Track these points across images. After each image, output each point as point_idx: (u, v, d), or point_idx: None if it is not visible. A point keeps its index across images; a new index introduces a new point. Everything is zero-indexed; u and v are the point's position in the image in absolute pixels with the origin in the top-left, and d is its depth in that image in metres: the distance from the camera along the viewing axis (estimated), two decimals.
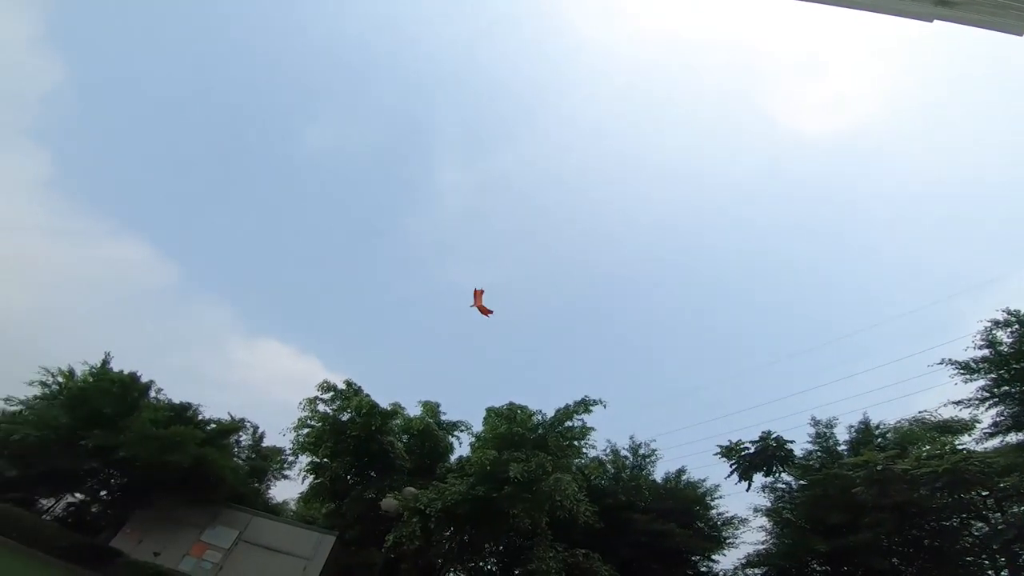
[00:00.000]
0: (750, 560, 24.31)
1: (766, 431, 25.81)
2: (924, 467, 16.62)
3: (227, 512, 23.87)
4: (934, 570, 19.19)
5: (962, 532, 19.09)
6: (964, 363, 19.61)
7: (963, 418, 20.12)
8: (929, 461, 16.93)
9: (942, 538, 19.26)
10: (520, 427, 22.16)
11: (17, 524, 20.93)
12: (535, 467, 19.40)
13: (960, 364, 19.61)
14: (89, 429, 22.86)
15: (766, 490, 25.09)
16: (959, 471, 15.62)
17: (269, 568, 21.76)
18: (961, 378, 19.75)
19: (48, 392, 26.18)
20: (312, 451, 24.75)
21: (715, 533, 26.03)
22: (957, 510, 18.74)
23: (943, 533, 19.32)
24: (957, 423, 20.26)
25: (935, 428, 20.65)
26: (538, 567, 19.40)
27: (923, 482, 16.77)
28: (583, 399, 22.49)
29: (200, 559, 21.99)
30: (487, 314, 17.32)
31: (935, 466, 16.29)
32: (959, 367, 19.61)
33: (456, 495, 19.87)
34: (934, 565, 19.16)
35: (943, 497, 17.72)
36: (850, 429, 24.06)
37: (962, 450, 17.69)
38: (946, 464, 16.02)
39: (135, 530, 23.05)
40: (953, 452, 17.14)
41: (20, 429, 22.71)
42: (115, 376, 26.01)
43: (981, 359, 19.16)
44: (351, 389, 24.60)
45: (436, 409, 28.53)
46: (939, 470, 16.08)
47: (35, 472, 23.03)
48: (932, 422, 21.13)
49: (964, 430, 20.09)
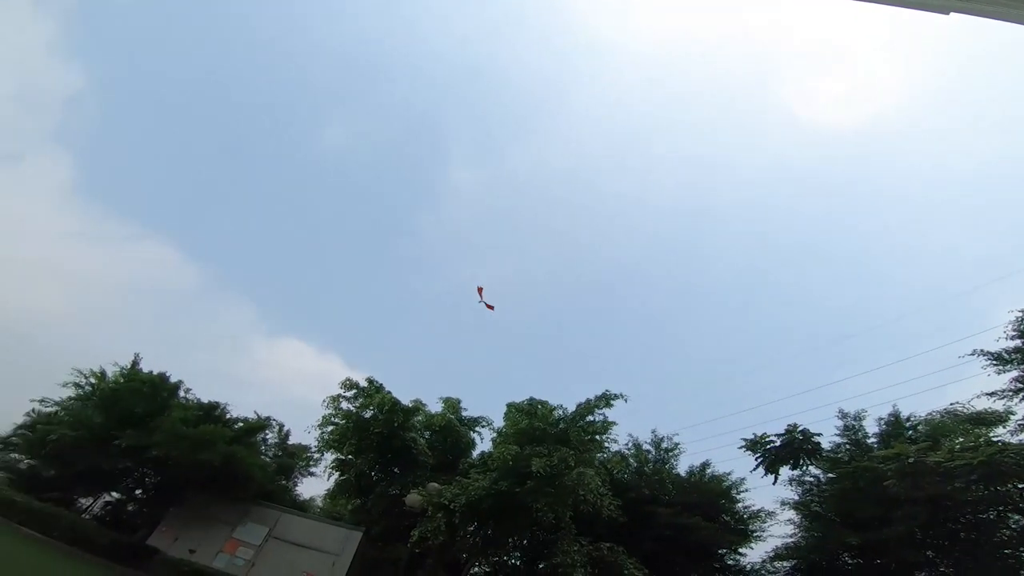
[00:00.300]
0: (778, 553, 24.02)
1: (792, 424, 25.39)
2: (958, 459, 16.14)
3: (257, 509, 24.38)
4: (970, 564, 18.74)
5: (999, 525, 18.59)
6: (996, 354, 19.07)
7: (997, 410, 19.59)
8: (963, 453, 16.43)
9: (978, 531, 18.74)
10: (541, 422, 22.06)
11: (58, 523, 21.51)
12: (557, 462, 19.35)
13: (992, 355, 19.09)
14: (122, 429, 23.47)
15: (793, 483, 24.71)
16: (994, 463, 15.16)
17: (299, 564, 22.14)
18: (993, 369, 19.23)
19: (82, 393, 26.92)
20: (337, 448, 25.00)
21: (741, 526, 25.67)
22: (993, 503, 18.19)
23: (979, 526, 18.81)
24: (991, 415, 19.71)
25: (968, 420, 20.10)
26: (563, 560, 19.38)
27: (957, 475, 16.31)
28: (604, 393, 22.32)
29: (233, 556, 22.50)
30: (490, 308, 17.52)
31: (969, 458, 15.81)
32: (991, 358, 19.09)
33: (479, 490, 19.94)
34: (970, 559, 18.72)
35: (978, 490, 17.20)
36: (879, 421, 23.57)
37: (997, 442, 17.17)
38: (981, 456, 15.53)
39: (170, 528, 23.65)
40: (988, 444, 16.59)
41: (56, 429, 23.41)
42: (145, 376, 26.67)
43: (1014, 349, 18.62)
44: (373, 386, 24.78)
45: (457, 405, 28.71)
46: (973, 462, 15.60)
47: (72, 472, 23.76)
48: (965, 414, 20.57)
49: (998, 422, 19.52)
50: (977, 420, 19.95)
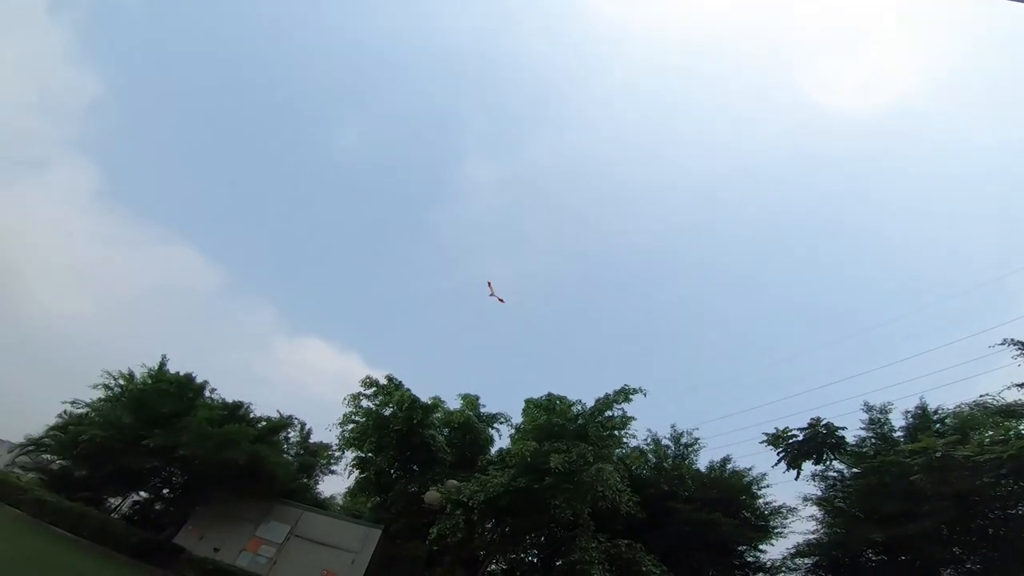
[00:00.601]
0: (800, 550, 23.57)
1: (815, 417, 24.85)
2: (987, 453, 15.61)
3: (279, 507, 24.77)
4: (999, 560, 18.16)
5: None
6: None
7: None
8: (992, 447, 15.91)
9: (1008, 527, 18.13)
10: (559, 418, 22.02)
11: (88, 523, 22.19)
12: (576, 458, 19.23)
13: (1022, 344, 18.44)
14: (150, 429, 24.01)
15: (816, 478, 24.19)
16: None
17: (319, 561, 22.43)
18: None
19: (111, 394, 27.69)
20: (357, 446, 25.22)
21: (762, 522, 25.26)
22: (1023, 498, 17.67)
23: (1009, 522, 18.18)
24: (1022, 407, 19.03)
25: (998, 412, 19.40)
26: (580, 558, 19.39)
27: (986, 469, 15.73)
28: (623, 388, 22.06)
29: (256, 554, 22.89)
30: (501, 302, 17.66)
31: (999, 452, 15.29)
32: (1021, 347, 18.44)
33: (498, 487, 19.95)
34: (999, 555, 18.13)
35: (1008, 485, 16.61)
36: (906, 415, 22.91)
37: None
38: (1011, 450, 14.98)
39: (196, 526, 24.19)
40: (1018, 438, 16.02)
41: (87, 430, 24.07)
42: (172, 377, 27.30)
43: None
44: (392, 384, 24.87)
45: (476, 402, 28.69)
46: (1003, 456, 15.09)
47: (103, 472, 24.46)
48: (995, 406, 19.86)
49: None
50: (1007, 412, 19.19)
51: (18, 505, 23.11)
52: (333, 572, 21.98)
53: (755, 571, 25.47)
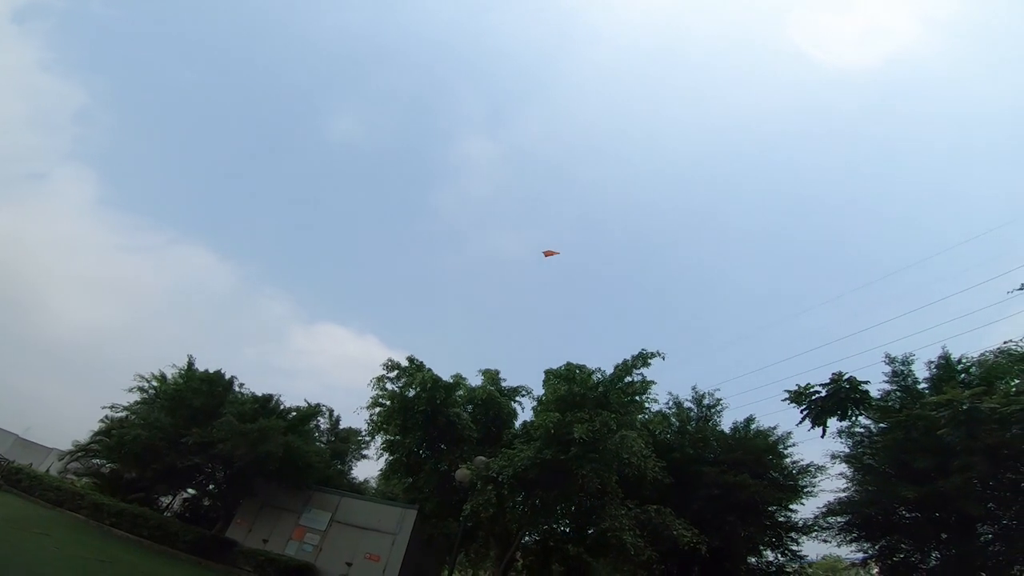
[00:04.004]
0: (831, 508, 23.60)
1: (837, 372, 24.51)
2: (1013, 404, 15.07)
3: (318, 496, 25.66)
4: None
5: None
6: None
7: None
8: (1019, 397, 15.39)
9: None
10: (580, 387, 22.00)
11: (147, 523, 23.10)
12: (599, 426, 19.43)
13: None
14: (188, 427, 24.86)
15: (843, 435, 23.72)
16: None
17: (362, 545, 23.32)
18: None
19: (147, 396, 28.66)
20: (385, 430, 25.71)
21: (791, 482, 25.31)
22: None
23: None
24: None
25: (1022, 359, 18.99)
26: (611, 525, 19.66)
27: (1014, 421, 15.29)
28: (641, 352, 22.02)
29: (302, 542, 23.90)
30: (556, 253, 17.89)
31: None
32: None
33: (525, 460, 20.29)
34: None
35: None
36: (929, 365, 22.40)
37: None
38: None
39: (244, 519, 25.23)
40: None
41: (130, 432, 25.00)
42: (202, 375, 27.96)
43: None
44: (413, 365, 25.08)
45: (496, 376, 28.88)
46: None
47: (151, 472, 25.42)
48: (1020, 353, 19.41)
49: None
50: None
51: (77, 510, 24.17)
52: (377, 556, 22.89)
53: (787, 531, 25.59)
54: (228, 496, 27.12)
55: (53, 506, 24.82)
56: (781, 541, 25.90)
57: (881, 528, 22.37)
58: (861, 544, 23.52)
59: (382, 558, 22.79)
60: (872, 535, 22.98)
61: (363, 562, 22.76)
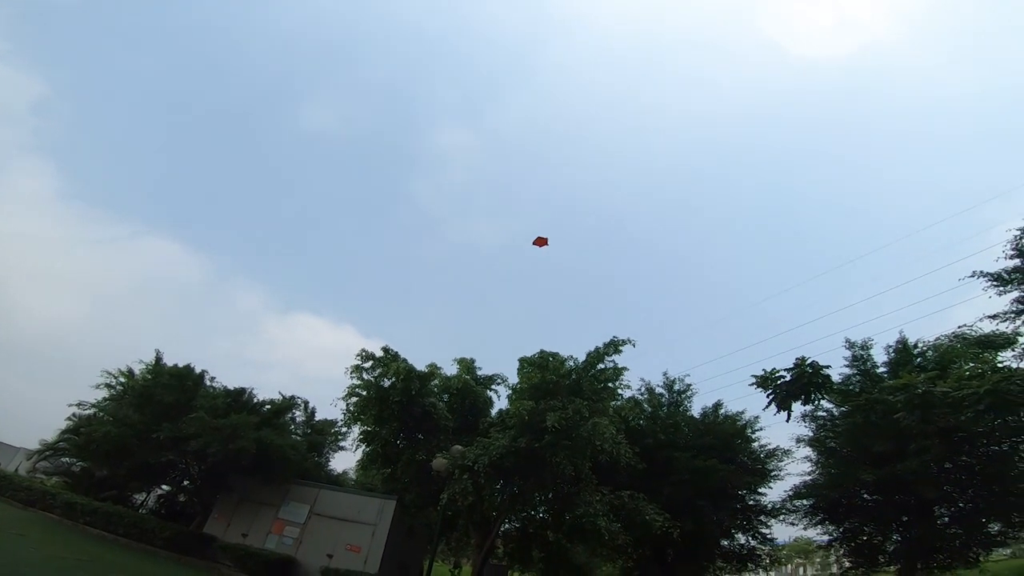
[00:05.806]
0: (797, 492, 24.32)
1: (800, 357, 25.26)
2: (964, 388, 15.64)
3: (296, 489, 25.51)
4: (988, 497, 18.62)
5: (1013, 457, 18.42)
6: (996, 274, 18.69)
7: (1006, 332, 19.26)
8: (970, 382, 15.97)
9: (994, 464, 18.56)
10: (553, 374, 22.20)
11: (122, 521, 22.78)
12: (572, 414, 19.70)
13: (992, 275, 18.69)
14: (158, 424, 24.35)
15: (807, 419, 24.61)
16: (1000, 392, 14.40)
17: (342, 537, 23.35)
18: (995, 290, 18.90)
19: (115, 393, 27.97)
20: (361, 420, 25.61)
21: (759, 466, 26.11)
22: (1007, 433, 17.90)
23: (994, 459, 18.61)
24: (1000, 337, 19.31)
25: (977, 344, 19.82)
26: (585, 511, 20.14)
27: (965, 404, 15.78)
28: (612, 340, 22.37)
29: (281, 536, 23.85)
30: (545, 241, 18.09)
31: (976, 387, 15.23)
32: (991, 279, 18.69)
33: (500, 448, 20.46)
34: (988, 492, 18.59)
35: (988, 420, 16.72)
36: (888, 349, 23.30)
37: (1003, 367, 16.82)
38: (987, 384, 14.88)
39: (221, 515, 25.00)
40: (994, 371, 16.13)
41: (99, 429, 24.44)
42: (171, 370, 27.20)
43: (1013, 269, 18.21)
44: (388, 355, 24.95)
45: (472, 365, 28.90)
46: (980, 391, 14.95)
47: (123, 469, 25.02)
48: (973, 337, 20.26)
49: (1007, 344, 19.19)
50: (986, 343, 19.61)
51: (50, 510, 23.72)
52: (358, 547, 22.98)
53: (757, 514, 26.40)
54: (204, 492, 26.76)
55: (25, 506, 24.32)
56: (751, 524, 26.75)
57: (844, 511, 23.20)
58: (826, 527, 24.42)
59: (363, 549, 22.88)
60: (836, 518, 23.85)
61: (344, 553, 22.79)
